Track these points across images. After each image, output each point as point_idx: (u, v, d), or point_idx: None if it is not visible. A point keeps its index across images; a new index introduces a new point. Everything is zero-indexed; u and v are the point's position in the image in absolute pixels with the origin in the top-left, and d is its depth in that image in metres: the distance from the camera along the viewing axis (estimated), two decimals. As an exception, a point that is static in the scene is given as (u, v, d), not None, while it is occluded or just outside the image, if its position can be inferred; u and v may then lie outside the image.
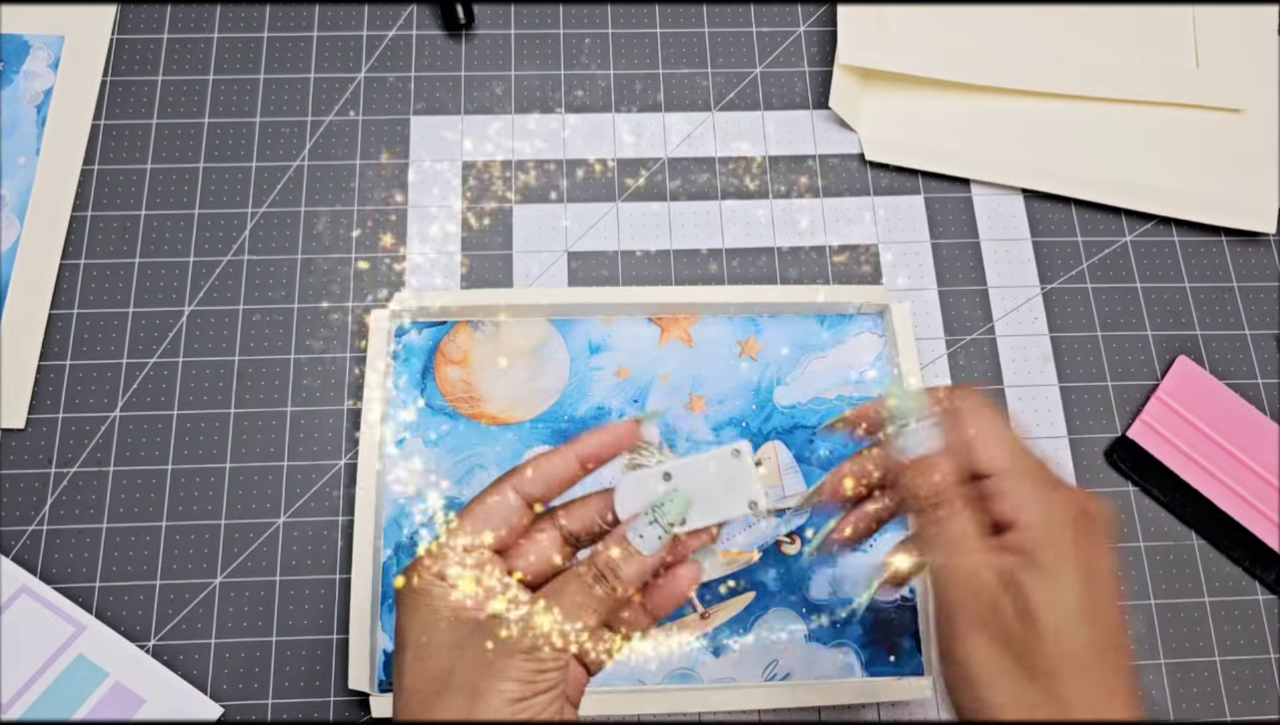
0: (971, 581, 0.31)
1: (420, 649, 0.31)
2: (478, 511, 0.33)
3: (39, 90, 0.54)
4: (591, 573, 0.32)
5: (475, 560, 0.32)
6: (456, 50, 0.57)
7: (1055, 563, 0.30)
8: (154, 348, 0.50)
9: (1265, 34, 0.58)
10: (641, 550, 0.32)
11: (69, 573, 0.46)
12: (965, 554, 0.31)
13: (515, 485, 0.34)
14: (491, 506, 0.33)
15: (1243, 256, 0.54)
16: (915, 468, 0.33)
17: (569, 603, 0.31)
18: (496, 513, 0.33)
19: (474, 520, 0.33)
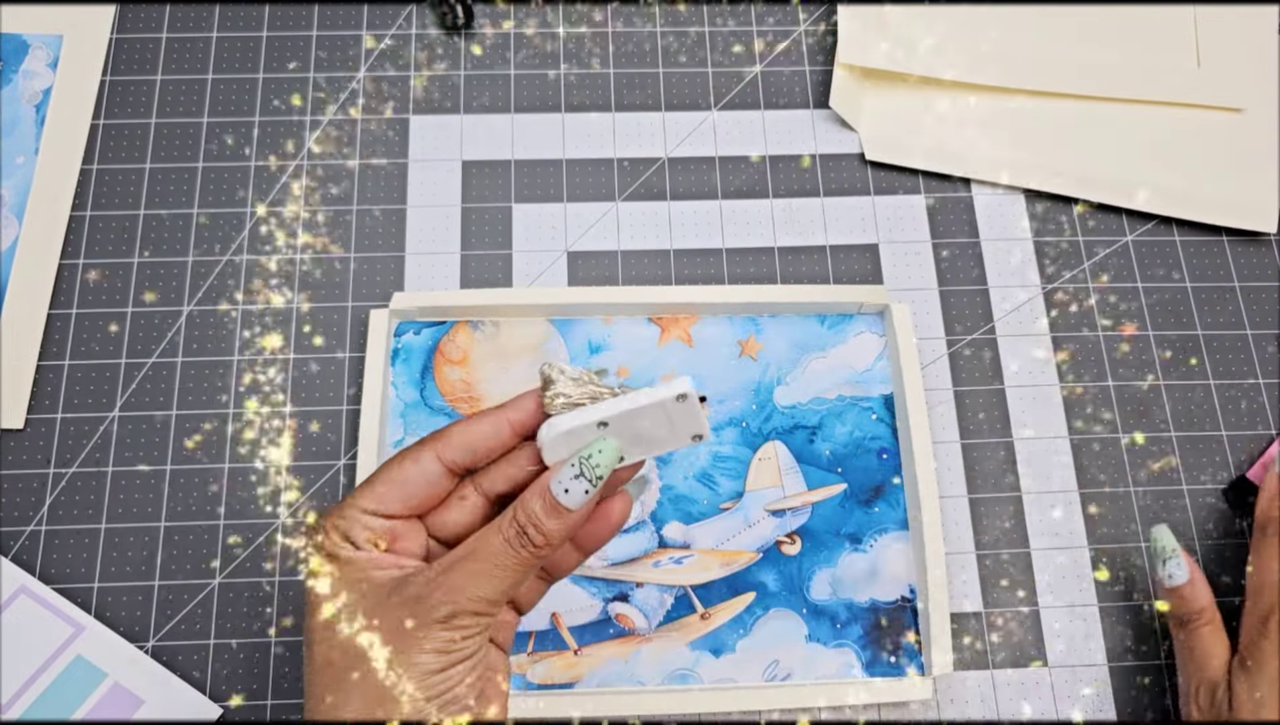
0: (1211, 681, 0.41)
1: (330, 617, 0.29)
2: (390, 476, 0.31)
3: (38, 89, 0.54)
4: (513, 529, 0.29)
5: (384, 526, 0.30)
6: (456, 49, 0.56)
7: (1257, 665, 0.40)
8: (153, 348, 0.50)
9: (1266, 33, 0.58)
10: (567, 505, 0.29)
11: (68, 573, 0.46)
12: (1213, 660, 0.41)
13: (436, 451, 0.31)
14: (407, 473, 0.31)
15: (1244, 256, 0.54)
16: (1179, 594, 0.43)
17: (488, 564, 0.29)
18: (411, 478, 0.31)
19: (384, 484, 0.31)
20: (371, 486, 0.31)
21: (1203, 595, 0.42)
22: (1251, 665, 0.40)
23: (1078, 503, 0.49)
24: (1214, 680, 0.41)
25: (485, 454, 0.31)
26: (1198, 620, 0.42)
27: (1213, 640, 0.41)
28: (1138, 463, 0.50)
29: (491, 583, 0.29)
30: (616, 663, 0.45)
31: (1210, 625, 0.42)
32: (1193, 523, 0.49)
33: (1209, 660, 0.41)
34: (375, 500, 0.30)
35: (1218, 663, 0.41)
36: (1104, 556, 0.48)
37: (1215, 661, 0.41)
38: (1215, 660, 0.41)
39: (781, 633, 0.46)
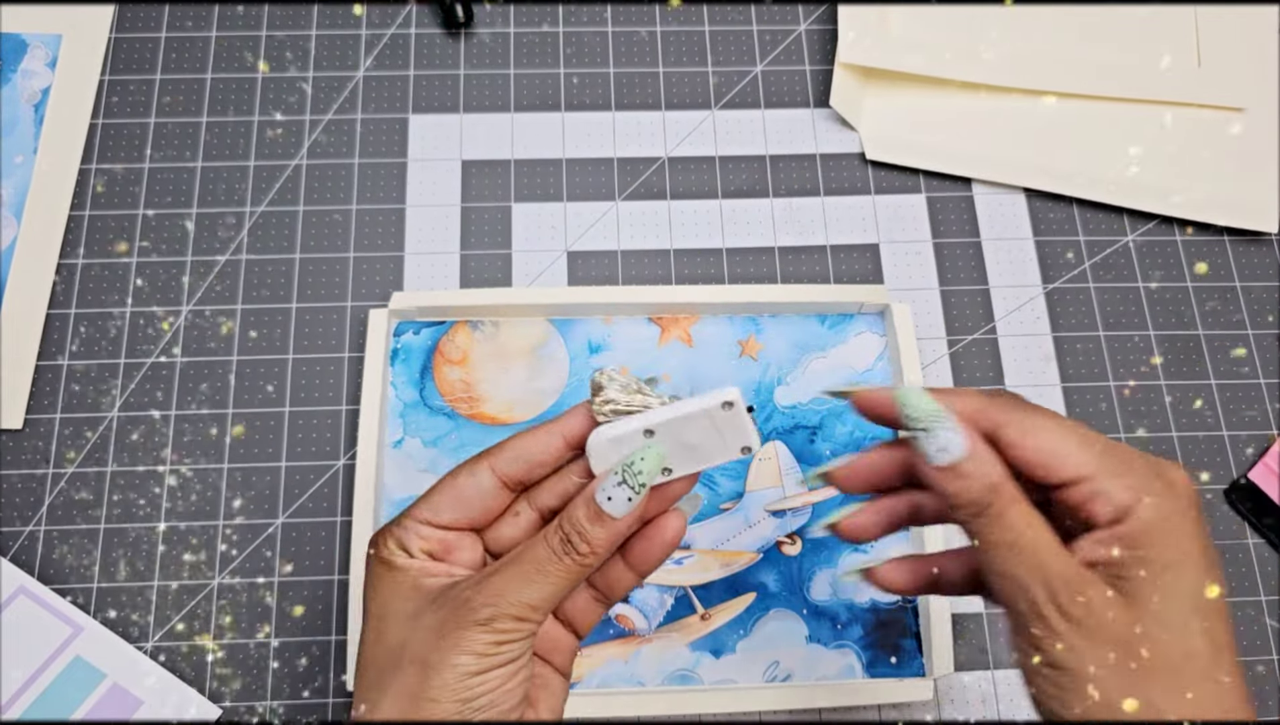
0: (1062, 576, 0.27)
1: (379, 620, 0.30)
2: (446, 487, 0.31)
3: (37, 89, 0.54)
4: (558, 537, 0.29)
5: (439, 536, 0.31)
6: (456, 49, 0.56)
7: (1174, 557, 0.27)
8: (152, 347, 0.50)
9: (1267, 33, 0.58)
10: (611, 513, 0.29)
11: (67, 573, 0.46)
12: (1048, 550, 0.28)
13: (491, 464, 0.31)
14: (462, 485, 0.31)
15: (1245, 256, 0.54)
16: (957, 473, 0.29)
17: (531, 570, 0.29)
18: (467, 491, 0.31)
19: (440, 495, 0.31)
20: (428, 498, 0.31)
21: (991, 463, 0.29)
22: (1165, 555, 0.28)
23: (1079, 503, 0.49)
24: (1067, 572, 0.27)
25: (539, 466, 0.31)
26: (999, 499, 0.28)
27: (1031, 520, 0.28)
28: (1139, 463, 0.50)
29: (533, 588, 0.29)
30: (616, 663, 0.45)
31: (1018, 504, 0.28)
32: (1194, 523, 0.49)
33: (1041, 547, 0.28)
34: (431, 511, 0.31)
35: (1053, 546, 0.28)
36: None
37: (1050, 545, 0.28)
38: (1048, 544, 0.28)
39: (782, 633, 0.46)
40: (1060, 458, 0.28)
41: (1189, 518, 0.28)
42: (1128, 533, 0.27)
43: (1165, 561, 0.27)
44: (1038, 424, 0.29)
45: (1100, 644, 0.26)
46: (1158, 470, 0.28)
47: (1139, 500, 0.28)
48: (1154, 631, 0.26)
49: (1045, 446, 0.29)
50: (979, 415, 0.29)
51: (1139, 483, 0.28)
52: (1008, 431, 0.29)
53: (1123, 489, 0.28)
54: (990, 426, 0.29)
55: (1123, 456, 0.29)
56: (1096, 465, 0.28)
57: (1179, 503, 0.28)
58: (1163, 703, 0.26)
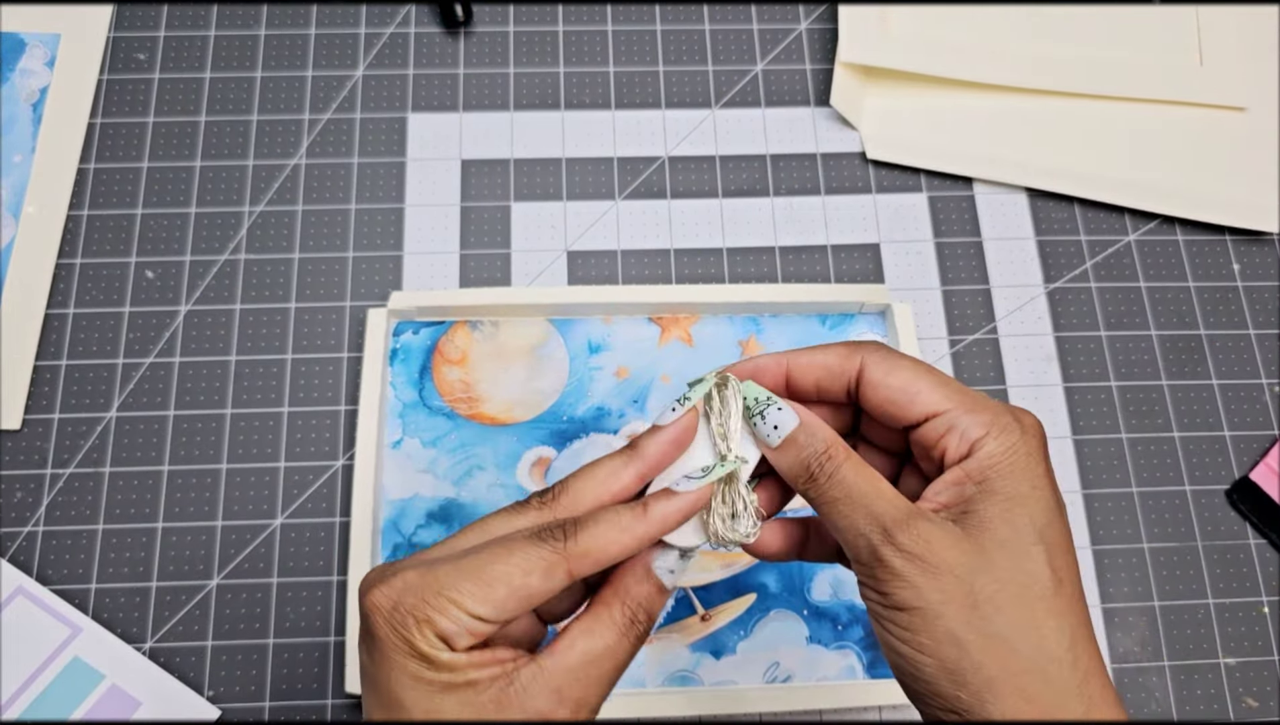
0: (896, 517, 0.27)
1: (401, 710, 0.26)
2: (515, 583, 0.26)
3: (35, 88, 0.54)
4: (624, 616, 0.28)
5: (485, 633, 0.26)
6: (455, 48, 0.56)
7: (1020, 490, 0.27)
8: (150, 348, 0.50)
9: (1269, 32, 0.58)
10: (669, 585, 0.29)
11: (65, 574, 0.46)
12: (881, 495, 0.28)
13: (570, 566, 0.27)
14: (534, 588, 0.26)
15: (1246, 256, 0.54)
16: (792, 444, 0.29)
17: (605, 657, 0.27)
18: (533, 598, 0.26)
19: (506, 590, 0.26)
20: (489, 587, 0.26)
21: (821, 429, 0.29)
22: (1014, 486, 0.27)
23: (1080, 503, 0.49)
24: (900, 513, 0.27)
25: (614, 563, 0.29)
26: (831, 460, 0.29)
27: (862, 472, 0.28)
28: (1140, 463, 0.50)
29: (610, 674, 0.27)
30: (616, 664, 0.45)
31: (850, 459, 0.29)
32: (1195, 523, 0.49)
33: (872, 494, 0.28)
34: (493, 608, 0.26)
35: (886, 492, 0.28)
36: (1106, 557, 0.48)
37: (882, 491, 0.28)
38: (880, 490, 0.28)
39: (782, 634, 0.46)
40: (917, 393, 0.29)
41: (1036, 456, 0.28)
42: (976, 467, 0.28)
43: (1010, 493, 0.27)
44: (898, 364, 0.30)
45: (943, 578, 0.26)
46: (1010, 410, 0.29)
47: (987, 432, 0.28)
48: (997, 560, 0.26)
49: (904, 383, 0.29)
50: (845, 360, 0.30)
51: (990, 418, 0.28)
52: (871, 371, 0.30)
53: (974, 423, 0.28)
54: (854, 369, 0.30)
55: (976, 397, 0.29)
56: (952, 402, 0.29)
57: (1028, 440, 0.28)
58: (1008, 633, 0.26)
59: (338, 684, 0.45)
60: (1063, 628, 0.26)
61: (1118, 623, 0.47)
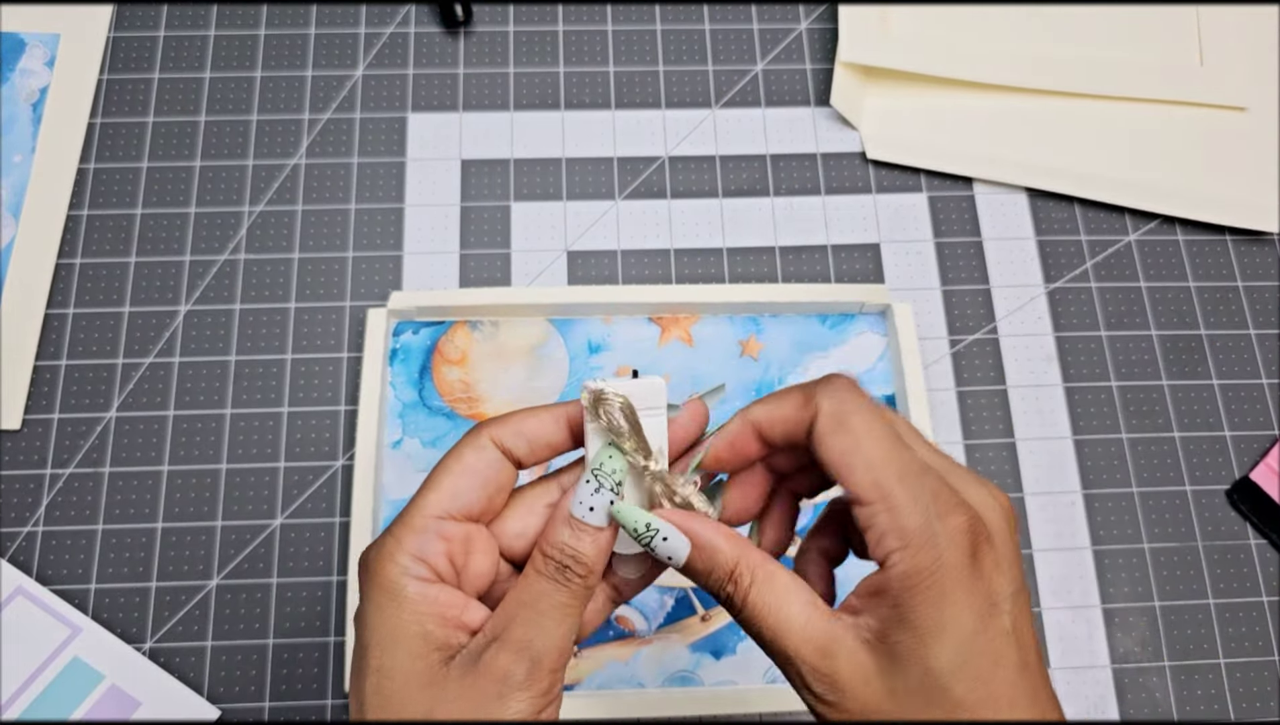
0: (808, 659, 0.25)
1: (384, 676, 0.26)
2: (456, 469, 0.27)
3: (35, 88, 0.54)
4: (551, 566, 0.27)
5: (462, 534, 0.27)
6: (455, 47, 0.56)
7: (938, 618, 0.24)
8: (150, 348, 0.50)
9: (1269, 32, 0.58)
10: (595, 524, 0.27)
11: (65, 574, 0.46)
12: (792, 630, 0.26)
13: (491, 435, 0.28)
14: (471, 463, 0.27)
15: (1247, 256, 0.54)
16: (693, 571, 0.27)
17: (546, 608, 0.27)
18: (478, 466, 0.27)
19: (456, 478, 0.27)
20: (438, 485, 0.27)
21: (721, 550, 0.27)
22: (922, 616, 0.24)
23: (1081, 503, 0.49)
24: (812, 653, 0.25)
25: (542, 450, 0.29)
26: (738, 587, 0.26)
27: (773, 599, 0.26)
28: (1141, 463, 0.50)
29: (554, 626, 0.27)
30: (616, 665, 0.45)
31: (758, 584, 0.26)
32: (1196, 524, 0.49)
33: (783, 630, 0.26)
34: (450, 498, 0.27)
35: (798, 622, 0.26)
36: (1106, 557, 0.48)
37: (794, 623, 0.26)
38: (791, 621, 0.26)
39: (782, 634, 0.46)
40: (851, 469, 0.26)
41: (956, 574, 0.24)
42: (890, 586, 0.25)
43: (922, 626, 0.24)
44: (844, 424, 0.26)
45: (855, 719, 0.25)
46: (939, 511, 0.25)
47: (904, 547, 0.25)
48: (909, 703, 0.24)
49: (843, 450, 0.26)
50: (800, 410, 0.27)
51: (912, 525, 0.25)
52: (820, 423, 0.27)
53: (890, 531, 0.25)
54: (809, 420, 0.27)
55: (913, 489, 0.25)
56: (877, 493, 0.25)
57: (948, 555, 0.24)
58: None
59: (338, 684, 0.45)
60: None
61: (1118, 623, 0.47)
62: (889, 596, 0.25)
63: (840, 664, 0.25)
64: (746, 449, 0.29)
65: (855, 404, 0.27)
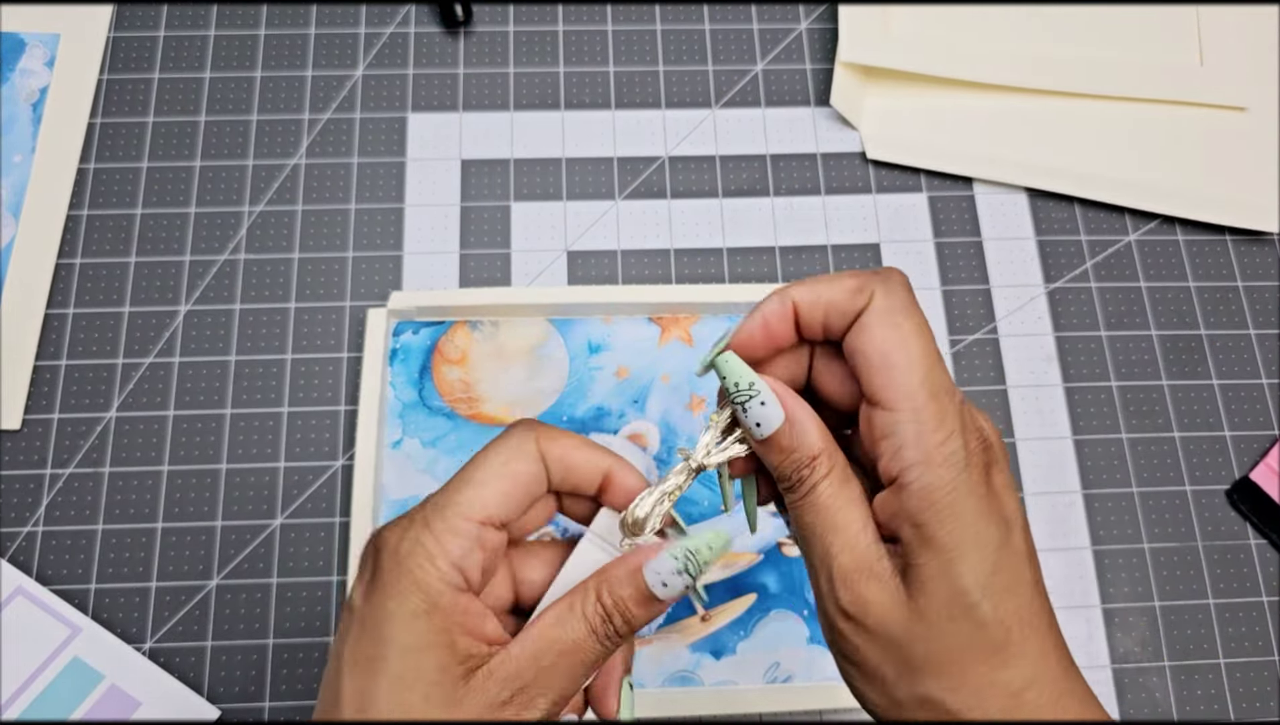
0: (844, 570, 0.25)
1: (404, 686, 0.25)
2: (506, 472, 0.26)
3: (35, 88, 0.54)
4: (598, 615, 0.26)
5: (496, 542, 0.26)
6: (455, 47, 0.56)
7: (966, 532, 0.24)
8: (150, 348, 0.50)
9: (1269, 32, 0.58)
10: (662, 598, 0.26)
11: (64, 574, 0.46)
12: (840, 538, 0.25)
13: (544, 450, 0.27)
14: (520, 473, 0.26)
15: (1247, 256, 0.54)
16: (776, 446, 0.26)
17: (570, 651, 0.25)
18: (524, 482, 0.26)
19: (503, 482, 0.26)
20: (487, 487, 0.26)
21: (811, 433, 0.26)
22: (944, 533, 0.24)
23: (1081, 503, 0.49)
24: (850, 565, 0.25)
25: (569, 485, 0.28)
26: (813, 475, 0.26)
27: (836, 500, 0.26)
28: (1141, 463, 0.50)
29: (578, 677, 0.26)
30: (616, 664, 0.45)
31: (829, 479, 0.26)
32: (1196, 524, 0.49)
33: (832, 535, 0.25)
34: (497, 506, 0.26)
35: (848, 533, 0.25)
36: (1106, 557, 0.48)
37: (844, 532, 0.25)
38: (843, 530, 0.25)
39: (783, 634, 0.46)
40: (889, 368, 0.25)
41: (980, 482, 0.24)
42: (912, 504, 0.24)
43: (948, 544, 0.24)
44: (897, 323, 0.25)
45: (880, 643, 0.25)
46: (959, 426, 0.25)
47: (926, 460, 0.24)
48: (936, 626, 0.24)
49: (887, 346, 0.25)
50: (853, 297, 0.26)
51: (937, 440, 0.24)
52: (872, 314, 0.26)
53: (915, 440, 0.24)
54: (860, 308, 0.26)
55: (942, 405, 0.25)
56: (913, 402, 0.24)
57: (973, 467, 0.24)
58: (943, 696, 0.24)
59: (337, 684, 0.45)
60: (1006, 681, 0.24)
61: (1118, 623, 0.47)
62: (907, 516, 0.24)
63: (873, 586, 0.25)
64: (780, 333, 0.27)
65: (910, 307, 0.26)
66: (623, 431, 0.49)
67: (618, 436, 0.48)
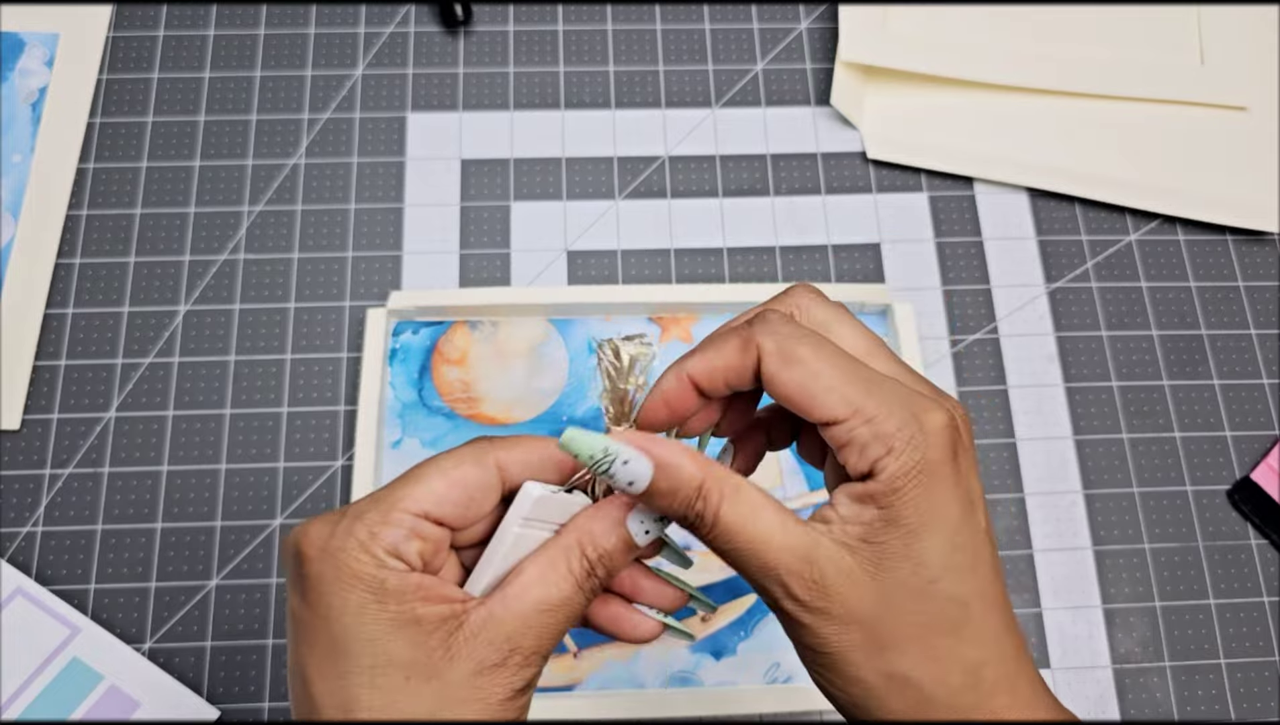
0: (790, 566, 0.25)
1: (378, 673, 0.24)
2: (451, 476, 0.26)
3: (34, 88, 0.54)
4: (582, 565, 0.26)
5: (440, 537, 0.26)
6: (454, 47, 0.56)
7: (922, 520, 0.24)
8: (149, 348, 0.50)
9: (1269, 32, 0.58)
10: (639, 543, 0.27)
11: (64, 574, 0.46)
12: (770, 541, 0.25)
13: (499, 462, 0.27)
14: (468, 475, 0.26)
15: (1248, 256, 0.54)
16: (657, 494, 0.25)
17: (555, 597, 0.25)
18: (474, 483, 0.26)
19: (445, 484, 0.26)
20: (426, 484, 0.26)
21: (685, 467, 0.25)
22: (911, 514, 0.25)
23: (1081, 503, 0.49)
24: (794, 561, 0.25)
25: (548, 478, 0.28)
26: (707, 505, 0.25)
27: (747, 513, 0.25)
28: (1141, 463, 0.50)
29: (560, 626, 0.26)
30: (616, 665, 0.45)
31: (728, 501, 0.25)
32: (1197, 524, 0.49)
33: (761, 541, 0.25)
34: (435, 502, 0.26)
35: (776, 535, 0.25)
36: (1107, 558, 0.48)
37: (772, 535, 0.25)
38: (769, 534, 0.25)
39: (782, 635, 0.45)
40: (813, 396, 0.25)
41: (945, 464, 0.25)
42: (878, 488, 0.24)
43: (912, 522, 0.24)
44: (794, 356, 0.25)
45: (844, 625, 0.25)
46: (915, 412, 0.25)
47: (889, 451, 0.24)
48: (898, 602, 0.24)
49: (800, 381, 0.25)
50: (742, 355, 0.26)
51: (894, 430, 0.24)
52: (766, 364, 0.26)
53: (874, 438, 0.24)
54: (752, 364, 0.26)
55: (882, 396, 0.25)
56: (851, 407, 0.25)
57: (935, 447, 0.25)
58: (911, 671, 0.24)
59: (337, 684, 0.45)
60: (966, 655, 0.25)
61: (1119, 623, 0.47)
62: (875, 499, 0.25)
63: (825, 568, 0.25)
64: (683, 405, 0.27)
65: (797, 335, 0.26)
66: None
67: (618, 436, 0.48)
